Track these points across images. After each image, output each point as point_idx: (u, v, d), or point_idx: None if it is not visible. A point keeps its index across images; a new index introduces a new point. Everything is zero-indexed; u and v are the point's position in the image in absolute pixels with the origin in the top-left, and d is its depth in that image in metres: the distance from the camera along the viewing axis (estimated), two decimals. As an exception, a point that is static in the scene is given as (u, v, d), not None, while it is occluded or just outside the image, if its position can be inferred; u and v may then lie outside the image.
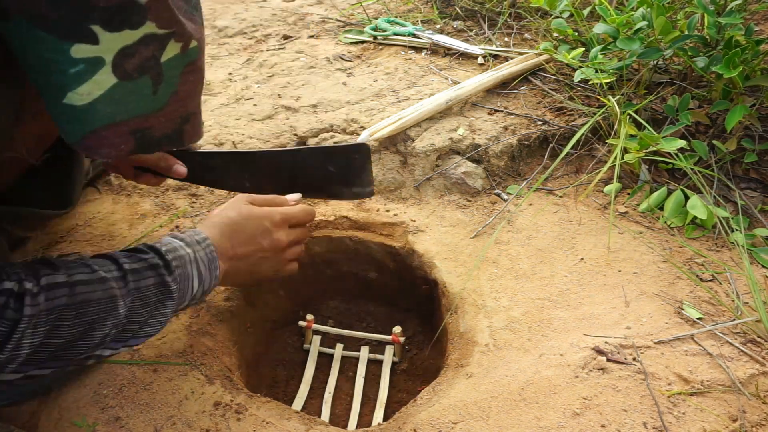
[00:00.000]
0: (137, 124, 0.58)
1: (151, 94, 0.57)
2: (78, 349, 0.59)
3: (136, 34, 0.52)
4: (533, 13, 1.66)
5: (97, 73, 0.51)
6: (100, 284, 0.60)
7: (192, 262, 0.70)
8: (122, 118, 0.56)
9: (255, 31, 1.79)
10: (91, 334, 0.59)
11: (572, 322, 0.84)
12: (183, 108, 0.62)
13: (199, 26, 0.60)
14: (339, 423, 0.94)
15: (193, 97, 0.63)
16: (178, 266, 0.68)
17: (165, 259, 0.67)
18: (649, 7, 1.12)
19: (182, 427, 0.72)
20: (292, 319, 1.10)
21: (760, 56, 1.04)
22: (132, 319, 0.63)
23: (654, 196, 1.04)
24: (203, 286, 0.71)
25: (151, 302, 0.64)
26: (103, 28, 0.49)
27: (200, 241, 0.73)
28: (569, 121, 1.21)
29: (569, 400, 0.72)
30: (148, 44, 0.53)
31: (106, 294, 0.60)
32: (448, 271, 0.96)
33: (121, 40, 0.51)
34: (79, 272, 0.59)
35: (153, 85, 0.56)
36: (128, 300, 0.62)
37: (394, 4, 1.88)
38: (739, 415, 0.69)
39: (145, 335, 0.65)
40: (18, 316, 0.53)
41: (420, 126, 1.19)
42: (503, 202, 1.10)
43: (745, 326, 0.81)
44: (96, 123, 0.55)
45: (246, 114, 1.29)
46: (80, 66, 0.50)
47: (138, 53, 0.53)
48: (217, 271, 0.73)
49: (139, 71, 0.54)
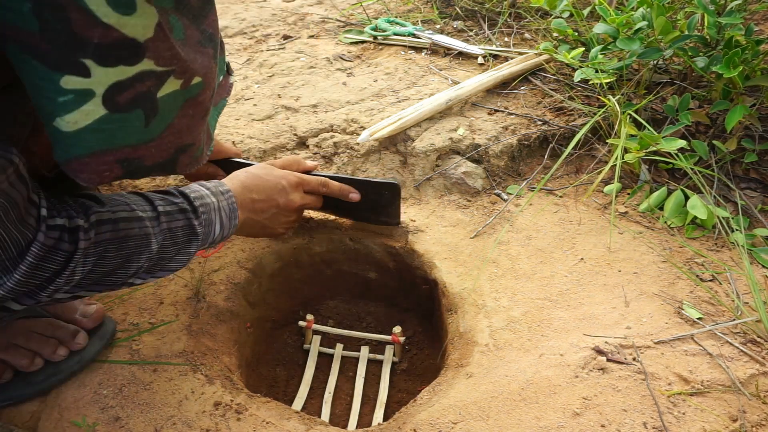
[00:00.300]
0: (126, 153, 0.57)
1: (143, 126, 0.55)
2: (116, 276, 0.66)
3: (132, 70, 0.50)
4: (533, 13, 1.66)
5: (85, 104, 0.50)
6: (137, 222, 0.66)
7: (216, 210, 0.78)
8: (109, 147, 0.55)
9: (255, 31, 1.79)
10: (128, 265, 0.66)
11: (572, 322, 0.84)
12: (178, 140, 0.61)
13: (210, 59, 0.58)
14: (339, 423, 0.94)
15: (191, 129, 0.62)
16: (204, 212, 0.75)
17: (193, 204, 0.74)
18: (649, 7, 1.12)
19: (182, 427, 0.72)
20: (292, 319, 1.10)
21: (760, 56, 1.04)
22: (162, 254, 0.70)
23: (654, 196, 1.04)
24: (223, 232, 0.79)
25: (180, 242, 0.71)
26: (96, 63, 0.48)
27: (223, 192, 0.81)
28: (569, 121, 1.21)
29: (569, 400, 0.72)
30: (144, 80, 0.52)
31: (142, 231, 0.66)
32: (448, 271, 0.96)
33: (114, 75, 0.50)
34: (120, 210, 0.65)
35: (146, 118, 0.55)
36: (160, 238, 0.68)
37: (394, 4, 1.88)
38: (739, 415, 0.69)
39: (171, 269, 0.73)
40: (73, 248, 0.59)
41: (420, 126, 1.19)
42: (503, 202, 1.10)
43: (745, 326, 0.81)
44: (80, 150, 0.54)
45: (246, 114, 1.29)
46: (69, 96, 0.49)
47: (132, 88, 0.52)
48: (236, 221, 0.82)
49: (132, 105, 0.53)
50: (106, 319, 0.83)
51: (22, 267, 0.56)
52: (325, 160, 1.17)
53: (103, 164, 0.56)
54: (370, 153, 1.16)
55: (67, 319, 0.80)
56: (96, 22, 0.46)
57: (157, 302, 0.90)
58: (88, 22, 0.46)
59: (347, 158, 1.16)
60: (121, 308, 0.89)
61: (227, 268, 0.98)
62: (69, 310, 0.81)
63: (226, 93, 0.79)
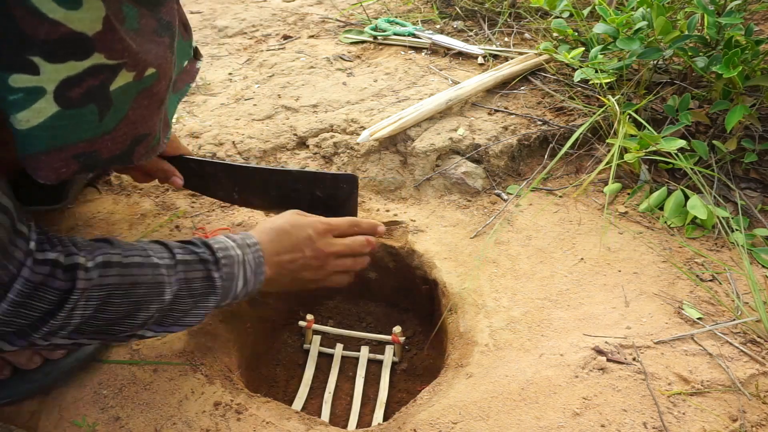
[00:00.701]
0: (81, 148, 0.56)
1: (97, 120, 0.54)
2: (123, 326, 0.62)
3: (82, 65, 0.50)
4: (533, 13, 1.66)
5: (37, 102, 0.49)
6: (151, 269, 0.63)
7: (240, 264, 0.73)
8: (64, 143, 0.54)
9: (255, 31, 1.79)
10: (136, 314, 0.62)
11: (572, 322, 0.84)
12: (134, 131, 0.59)
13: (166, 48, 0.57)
14: (339, 423, 0.94)
15: (146, 120, 0.60)
16: (227, 264, 0.71)
17: (215, 256, 0.70)
18: (649, 7, 1.12)
19: (182, 427, 0.72)
20: (292, 319, 1.10)
21: (760, 56, 1.04)
22: (176, 306, 0.66)
23: (654, 196, 1.04)
24: (246, 288, 0.74)
25: (197, 294, 0.68)
26: (44, 60, 0.47)
27: (251, 245, 0.76)
28: (569, 121, 1.21)
29: (569, 400, 0.72)
30: (96, 74, 0.51)
31: (155, 279, 0.63)
32: (448, 271, 0.96)
33: (64, 70, 0.49)
34: (134, 254, 0.63)
35: (99, 112, 0.54)
36: (175, 288, 0.65)
37: (394, 4, 1.88)
38: (739, 415, 0.69)
39: (186, 324, 0.69)
40: (68, 286, 0.56)
41: (420, 126, 1.19)
42: (503, 202, 1.10)
43: (745, 326, 0.81)
44: (34, 148, 0.53)
45: (246, 114, 1.29)
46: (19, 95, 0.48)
47: (84, 83, 0.51)
48: (262, 276, 0.76)
49: (84, 99, 0.52)
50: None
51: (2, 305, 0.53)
52: (325, 160, 1.17)
53: (59, 161, 0.55)
54: (370, 153, 1.16)
55: None
56: (42, 19, 0.45)
57: (157, 302, 0.90)
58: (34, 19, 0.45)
59: (347, 158, 1.16)
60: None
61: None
62: None
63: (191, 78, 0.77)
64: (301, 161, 1.17)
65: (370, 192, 1.13)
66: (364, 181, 1.14)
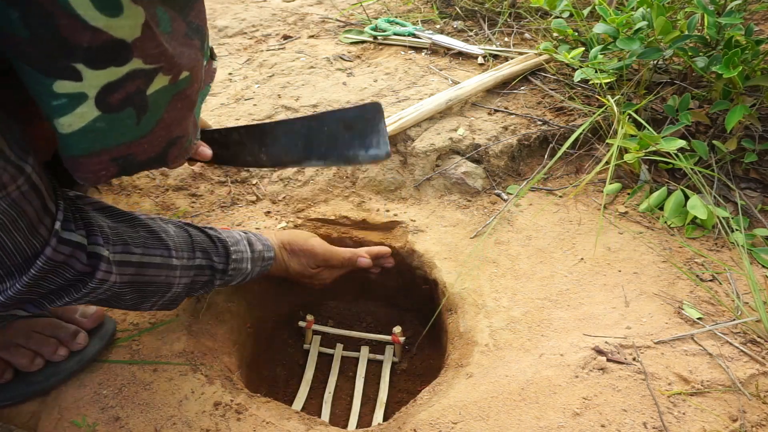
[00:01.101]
0: (119, 152, 0.57)
1: (135, 124, 0.56)
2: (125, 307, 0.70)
3: (122, 70, 0.51)
4: (533, 13, 1.66)
5: (79, 107, 0.51)
6: (167, 270, 0.69)
7: (243, 276, 0.83)
8: (103, 147, 0.56)
9: (255, 31, 1.79)
10: (140, 305, 0.71)
11: (572, 322, 0.84)
12: (169, 133, 0.61)
13: (197, 51, 0.58)
14: (339, 423, 0.94)
15: (180, 122, 0.62)
16: (232, 275, 0.80)
17: (227, 266, 0.78)
18: (649, 7, 1.12)
19: (182, 427, 0.72)
20: (292, 319, 1.10)
21: (760, 56, 1.03)
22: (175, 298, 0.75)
23: (654, 196, 1.04)
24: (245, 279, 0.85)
25: (193, 290, 0.77)
26: (86, 66, 0.48)
27: (266, 259, 0.87)
28: (569, 121, 1.21)
29: (569, 400, 0.72)
30: (134, 79, 0.52)
31: (167, 281, 0.70)
32: (448, 271, 0.96)
33: (105, 77, 0.50)
34: (156, 253, 0.68)
35: (137, 115, 0.56)
36: (180, 288, 0.73)
37: (394, 4, 1.88)
38: (739, 415, 0.69)
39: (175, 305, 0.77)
40: (89, 271, 0.60)
41: (420, 126, 1.19)
42: (503, 202, 1.10)
43: (745, 326, 0.81)
44: (76, 151, 0.55)
45: (246, 114, 1.29)
46: (62, 100, 0.50)
47: (123, 88, 0.52)
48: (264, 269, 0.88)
49: (123, 104, 0.53)
50: (107, 319, 0.83)
51: (24, 278, 0.56)
52: (325, 160, 1.17)
53: (99, 164, 0.57)
54: (370, 153, 1.16)
55: (67, 319, 0.80)
56: (84, 27, 0.46)
57: (157, 302, 0.90)
58: (77, 27, 0.45)
59: (347, 158, 1.16)
60: (121, 308, 0.88)
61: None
62: (69, 310, 0.81)
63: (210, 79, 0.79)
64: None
65: (370, 192, 1.13)
66: (364, 181, 1.14)
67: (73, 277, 0.59)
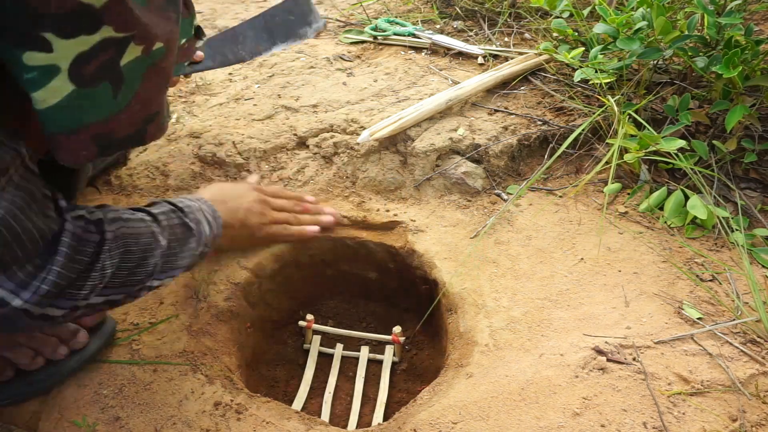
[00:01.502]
0: (98, 129, 0.57)
1: (112, 97, 0.55)
2: (138, 275, 0.66)
3: (93, 39, 0.50)
4: (533, 13, 1.66)
5: (52, 81, 0.50)
6: (141, 222, 0.67)
7: (199, 210, 0.78)
8: (82, 124, 0.55)
9: (255, 31, 1.79)
10: (146, 262, 0.66)
11: (572, 322, 0.84)
12: (145, 109, 0.61)
13: (173, 23, 0.58)
14: (339, 423, 0.94)
15: (155, 97, 0.61)
16: (191, 212, 0.76)
17: (177, 206, 0.75)
18: (649, 7, 1.12)
19: (182, 427, 0.72)
20: (292, 319, 1.10)
21: (760, 56, 1.04)
22: (170, 251, 0.71)
23: (654, 196, 1.04)
24: (212, 231, 0.80)
25: (180, 238, 0.73)
26: (56, 36, 0.47)
27: (198, 198, 0.82)
28: (569, 121, 1.21)
29: (569, 400, 0.72)
30: (106, 49, 0.51)
31: (148, 229, 0.68)
32: (448, 271, 0.96)
33: (76, 46, 0.49)
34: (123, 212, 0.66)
35: (113, 89, 0.55)
36: (166, 234, 0.70)
37: (394, 4, 1.88)
38: (739, 415, 0.69)
39: (181, 266, 0.73)
40: (100, 238, 0.60)
41: (420, 126, 1.19)
42: (503, 202, 1.10)
43: (745, 326, 0.81)
44: (54, 128, 0.54)
45: (246, 114, 1.29)
46: (33, 73, 0.49)
47: (95, 58, 0.51)
48: (219, 219, 0.82)
49: (98, 77, 0.52)
50: (107, 318, 0.83)
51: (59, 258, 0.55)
52: (325, 160, 1.17)
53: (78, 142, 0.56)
54: (370, 153, 1.16)
55: None
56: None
57: (157, 302, 0.90)
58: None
59: (347, 158, 1.16)
60: (122, 308, 0.88)
61: (227, 267, 0.98)
62: None
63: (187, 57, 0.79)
64: (301, 161, 1.17)
65: (370, 192, 1.13)
66: (364, 181, 1.14)
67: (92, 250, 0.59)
